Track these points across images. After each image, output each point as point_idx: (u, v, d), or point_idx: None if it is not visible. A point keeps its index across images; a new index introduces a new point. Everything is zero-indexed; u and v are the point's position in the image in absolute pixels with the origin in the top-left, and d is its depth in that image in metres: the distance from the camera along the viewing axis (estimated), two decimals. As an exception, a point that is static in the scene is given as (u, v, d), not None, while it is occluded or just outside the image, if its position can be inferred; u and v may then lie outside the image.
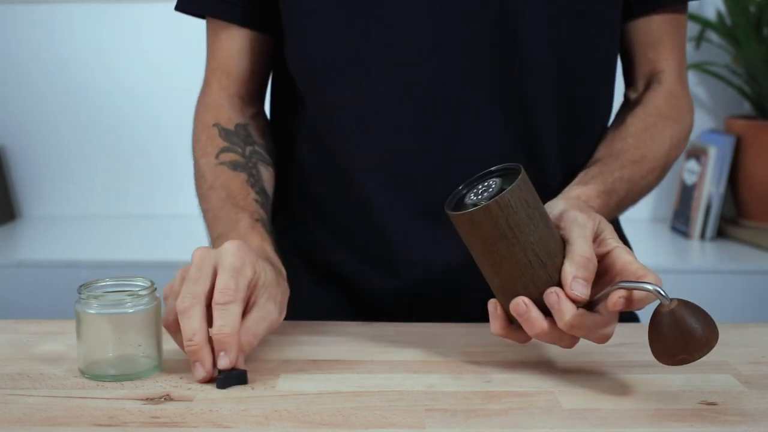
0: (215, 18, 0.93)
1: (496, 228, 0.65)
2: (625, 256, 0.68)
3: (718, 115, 2.11)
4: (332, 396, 0.66)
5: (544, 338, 0.68)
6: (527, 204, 0.66)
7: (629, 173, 0.85)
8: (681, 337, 0.62)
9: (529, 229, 0.65)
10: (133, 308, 0.69)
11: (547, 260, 0.67)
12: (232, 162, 0.89)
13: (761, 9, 1.89)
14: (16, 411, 0.63)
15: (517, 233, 0.65)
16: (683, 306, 0.63)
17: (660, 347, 0.64)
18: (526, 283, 0.67)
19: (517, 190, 0.65)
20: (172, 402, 0.65)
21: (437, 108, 0.86)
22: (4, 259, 1.81)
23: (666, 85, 0.92)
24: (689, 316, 0.63)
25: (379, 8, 0.85)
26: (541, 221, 0.67)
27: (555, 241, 0.68)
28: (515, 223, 0.65)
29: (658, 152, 0.88)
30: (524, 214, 0.65)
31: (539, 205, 0.68)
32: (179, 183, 2.16)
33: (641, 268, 0.67)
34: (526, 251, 0.66)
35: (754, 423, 0.62)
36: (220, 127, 0.91)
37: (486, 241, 0.66)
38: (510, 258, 0.66)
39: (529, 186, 0.67)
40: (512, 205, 0.65)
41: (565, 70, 0.87)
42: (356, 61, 0.86)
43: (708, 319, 0.63)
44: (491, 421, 0.61)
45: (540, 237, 0.66)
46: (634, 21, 0.92)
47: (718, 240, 1.97)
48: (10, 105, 2.13)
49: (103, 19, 2.09)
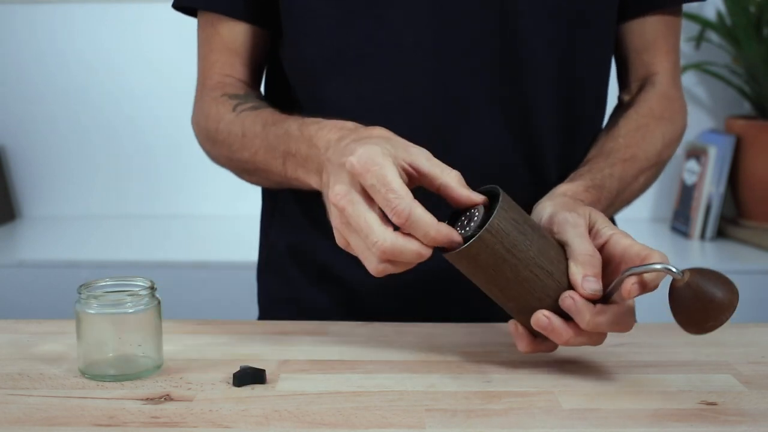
0: (216, 12, 0.92)
1: (495, 255, 0.65)
2: (623, 241, 0.68)
3: (718, 115, 2.11)
4: (332, 396, 0.66)
5: (572, 343, 0.68)
6: (516, 222, 0.66)
7: (620, 171, 0.85)
8: (703, 306, 0.63)
9: (525, 245, 0.66)
10: (133, 308, 0.69)
11: (551, 268, 0.67)
12: (252, 107, 0.87)
13: (761, 9, 1.89)
14: (16, 411, 0.63)
15: (515, 253, 0.65)
16: (697, 275, 0.64)
17: (686, 321, 0.65)
18: (540, 297, 0.67)
19: (502, 212, 0.65)
20: (172, 402, 0.65)
21: (436, 108, 0.86)
22: (4, 259, 1.81)
23: (659, 87, 0.92)
24: (705, 283, 0.63)
25: (379, 8, 0.85)
26: (534, 234, 0.67)
27: (553, 247, 0.68)
28: (511, 245, 0.65)
29: (650, 152, 0.88)
30: (517, 233, 0.65)
31: (528, 219, 0.68)
32: (179, 183, 2.17)
33: (643, 248, 0.67)
34: (529, 267, 0.66)
35: (754, 423, 0.62)
36: (230, 94, 0.90)
37: (488, 270, 0.66)
38: (516, 278, 0.66)
39: (512, 204, 0.67)
40: (503, 228, 0.65)
41: (564, 69, 0.88)
42: (355, 60, 0.86)
43: (725, 281, 0.64)
44: (491, 421, 0.61)
45: (538, 248, 0.66)
46: (629, 23, 0.92)
47: (718, 240, 1.97)
48: (10, 105, 2.14)
49: (103, 19, 2.09)
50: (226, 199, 2.13)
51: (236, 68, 0.93)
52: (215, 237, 2.00)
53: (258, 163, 0.86)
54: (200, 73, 0.95)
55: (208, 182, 2.12)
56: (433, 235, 0.63)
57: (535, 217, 0.74)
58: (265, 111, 0.86)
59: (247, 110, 0.87)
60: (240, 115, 0.87)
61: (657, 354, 0.76)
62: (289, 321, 0.87)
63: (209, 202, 2.17)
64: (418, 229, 0.63)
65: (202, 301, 1.76)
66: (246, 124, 0.86)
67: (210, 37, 0.93)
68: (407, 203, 0.62)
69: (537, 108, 0.87)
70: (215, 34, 0.93)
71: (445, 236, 0.64)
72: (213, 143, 0.92)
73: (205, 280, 1.78)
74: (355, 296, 0.93)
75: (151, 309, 0.70)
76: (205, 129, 0.92)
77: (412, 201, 0.63)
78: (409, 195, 0.63)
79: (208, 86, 0.94)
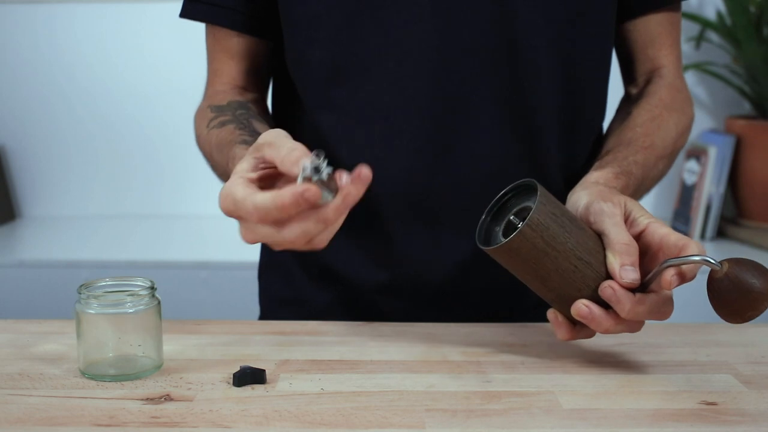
0: (217, 25, 0.94)
1: (535, 248, 0.67)
2: (660, 230, 0.69)
3: (718, 115, 2.11)
4: (332, 396, 0.66)
5: (611, 331, 0.69)
6: (554, 215, 0.67)
7: (643, 158, 0.86)
8: (743, 296, 0.64)
9: (565, 237, 0.67)
10: (133, 308, 0.69)
11: (590, 259, 0.68)
12: (221, 122, 0.89)
13: (761, 9, 1.89)
14: (16, 411, 0.63)
15: (555, 245, 0.67)
16: (735, 265, 0.65)
17: (726, 312, 0.65)
18: (579, 287, 0.68)
19: (541, 206, 0.66)
20: (172, 402, 0.65)
21: (439, 110, 0.86)
22: (4, 259, 1.81)
23: (667, 78, 0.94)
24: (744, 273, 0.64)
25: (380, 12, 0.85)
26: (572, 225, 0.68)
27: (591, 238, 0.69)
28: (551, 237, 0.67)
29: (666, 140, 0.90)
30: (556, 226, 0.67)
31: (565, 211, 0.69)
32: (179, 183, 2.17)
33: (680, 238, 0.68)
34: (569, 259, 0.67)
35: (754, 423, 0.62)
36: (213, 106, 0.92)
37: (529, 263, 0.68)
38: (556, 270, 0.68)
39: (549, 197, 0.68)
40: (542, 222, 0.66)
41: (565, 69, 0.88)
42: (357, 63, 0.86)
43: (762, 270, 0.64)
44: (491, 421, 0.61)
45: (577, 240, 0.68)
46: (634, 21, 0.94)
47: (718, 240, 1.97)
48: (10, 105, 2.14)
49: (103, 19, 2.09)
50: (226, 199, 2.13)
51: (238, 76, 0.96)
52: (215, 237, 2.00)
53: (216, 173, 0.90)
54: (206, 83, 0.98)
55: (208, 182, 2.10)
56: (287, 202, 0.60)
57: (570, 207, 0.75)
58: (225, 131, 0.87)
59: (215, 127, 0.89)
60: (209, 134, 0.90)
61: (657, 354, 0.76)
62: (289, 321, 0.87)
63: (209, 202, 2.16)
64: (277, 211, 0.61)
65: (202, 301, 1.76)
66: (212, 145, 0.89)
67: (213, 46, 0.96)
68: (257, 217, 0.62)
69: (538, 108, 0.87)
70: (217, 43, 0.96)
71: (292, 201, 0.60)
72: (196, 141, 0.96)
73: (205, 280, 1.78)
74: (356, 296, 0.93)
75: (151, 309, 0.70)
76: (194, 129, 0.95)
77: (261, 209, 0.61)
78: (256, 208, 0.61)
79: (208, 93, 0.97)
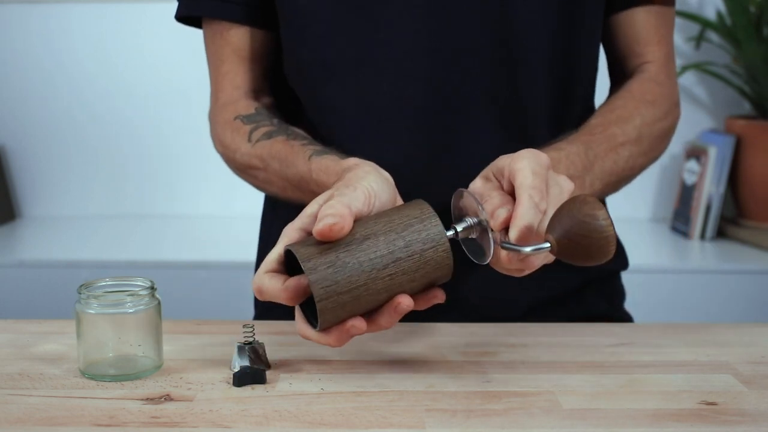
0: (218, 19, 0.93)
1: (350, 298, 0.63)
2: (515, 165, 0.65)
3: (718, 115, 2.11)
4: (332, 396, 0.66)
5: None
6: (332, 263, 0.63)
7: (586, 139, 0.83)
8: (589, 242, 0.61)
9: (359, 271, 0.63)
10: (133, 308, 0.69)
11: (401, 254, 0.64)
12: (265, 134, 0.88)
13: (761, 9, 1.90)
14: (16, 411, 0.63)
15: (357, 282, 0.63)
16: (558, 228, 0.62)
17: (588, 260, 0.62)
18: (406, 287, 0.66)
19: (312, 273, 0.62)
20: (172, 402, 0.65)
21: (433, 108, 0.86)
22: (4, 259, 1.81)
23: (646, 74, 0.92)
24: (569, 228, 0.61)
25: (374, 11, 0.85)
26: (359, 247, 0.64)
27: (395, 230, 0.65)
28: (348, 283, 0.63)
29: (626, 127, 0.87)
30: (341, 272, 0.63)
31: (351, 235, 0.64)
32: (179, 183, 2.17)
33: (518, 188, 0.64)
34: (380, 278, 0.64)
35: (754, 423, 0.62)
36: (242, 117, 0.91)
37: (360, 306, 0.64)
38: (379, 291, 0.64)
39: (319, 248, 0.64)
40: (325, 284, 0.63)
41: (558, 68, 0.88)
42: (351, 62, 0.86)
43: (580, 215, 0.61)
44: (491, 421, 0.61)
45: (375, 254, 0.64)
46: (618, 16, 0.92)
47: (718, 240, 1.97)
48: (10, 105, 2.14)
49: (102, 19, 2.09)
50: (225, 199, 2.13)
51: (247, 77, 0.94)
52: (215, 237, 2.00)
53: (290, 198, 0.88)
54: (213, 87, 0.96)
55: (207, 182, 2.12)
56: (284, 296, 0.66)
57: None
58: (278, 143, 0.86)
59: (261, 139, 0.88)
60: (255, 147, 0.88)
61: (657, 354, 0.76)
62: (289, 321, 0.87)
63: (209, 202, 2.17)
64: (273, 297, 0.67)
65: (202, 301, 1.76)
66: (264, 158, 0.87)
67: (219, 48, 0.94)
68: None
69: (532, 107, 0.88)
70: (225, 44, 0.94)
71: (292, 292, 0.65)
72: (236, 170, 0.93)
73: (205, 280, 1.78)
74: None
75: (151, 309, 0.70)
76: (224, 155, 0.94)
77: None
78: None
79: (221, 102, 0.94)
